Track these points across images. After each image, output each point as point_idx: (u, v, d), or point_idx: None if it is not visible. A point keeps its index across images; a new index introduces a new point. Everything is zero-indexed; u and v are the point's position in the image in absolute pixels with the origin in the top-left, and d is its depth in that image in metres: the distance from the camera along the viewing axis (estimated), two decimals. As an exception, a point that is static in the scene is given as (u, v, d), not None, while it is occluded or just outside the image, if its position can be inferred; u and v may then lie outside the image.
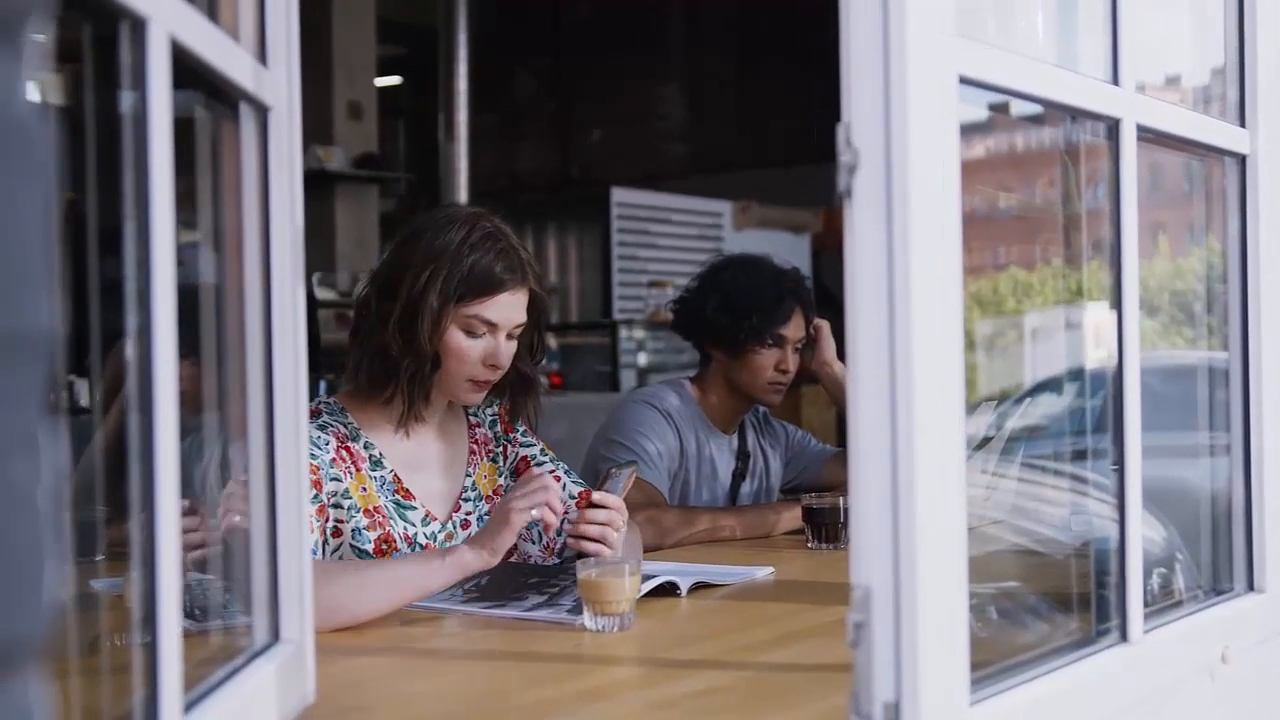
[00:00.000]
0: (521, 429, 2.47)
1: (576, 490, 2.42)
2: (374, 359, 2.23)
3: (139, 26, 0.99)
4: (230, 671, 1.24)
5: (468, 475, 2.39)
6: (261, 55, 1.34)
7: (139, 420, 1.00)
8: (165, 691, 1.01)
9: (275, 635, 1.37)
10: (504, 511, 2.03)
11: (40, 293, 0.54)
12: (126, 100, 1.01)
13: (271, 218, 1.36)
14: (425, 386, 2.25)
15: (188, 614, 1.13)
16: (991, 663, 1.35)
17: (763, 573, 2.39)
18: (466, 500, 2.37)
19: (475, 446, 2.42)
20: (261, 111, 1.34)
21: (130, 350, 1.00)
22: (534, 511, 2.01)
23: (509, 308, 2.24)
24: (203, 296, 1.34)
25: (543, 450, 2.48)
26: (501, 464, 2.45)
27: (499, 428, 2.46)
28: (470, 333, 2.23)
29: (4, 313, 0.51)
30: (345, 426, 2.25)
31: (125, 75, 1.00)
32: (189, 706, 1.09)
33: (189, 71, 1.11)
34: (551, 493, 2.04)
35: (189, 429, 1.08)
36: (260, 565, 1.36)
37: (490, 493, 2.40)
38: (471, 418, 2.44)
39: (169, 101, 1.02)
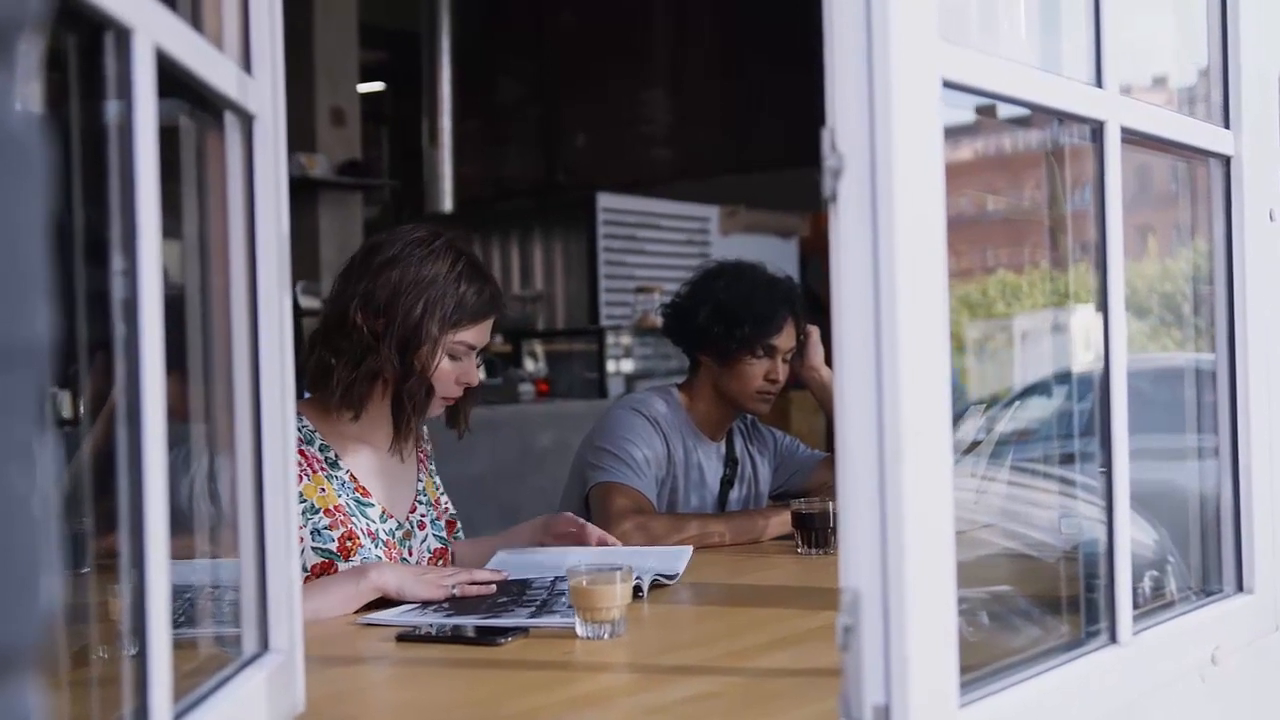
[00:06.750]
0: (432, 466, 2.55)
1: (436, 546, 2.47)
2: (365, 380, 2.28)
3: (124, 36, 0.99)
4: (220, 681, 1.24)
5: (419, 481, 2.47)
6: (246, 64, 1.34)
7: (127, 432, 1.00)
8: (155, 701, 1.00)
9: (264, 645, 1.37)
10: (429, 582, 2.14)
11: (38, 302, 0.54)
12: (111, 110, 1.00)
13: (257, 227, 1.36)
14: (424, 409, 2.33)
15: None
16: (981, 665, 1.35)
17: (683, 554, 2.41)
18: (421, 503, 2.45)
19: (422, 456, 2.51)
20: (246, 120, 1.34)
21: (118, 361, 1.00)
22: (455, 590, 2.15)
23: (488, 332, 2.37)
24: (188, 307, 1.34)
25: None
26: (436, 480, 2.54)
27: (430, 449, 2.56)
28: (453, 357, 2.32)
29: (3, 321, 0.51)
30: (300, 431, 2.28)
31: (110, 85, 1.00)
32: (179, 716, 1.08)
33: (172, 80, 1.11)
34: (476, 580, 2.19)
35: (175, 441, 1.08)
36: (249, 575, 1.36)
37: (434, 501, 2.49)
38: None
39: (154, 111, 1.02)
